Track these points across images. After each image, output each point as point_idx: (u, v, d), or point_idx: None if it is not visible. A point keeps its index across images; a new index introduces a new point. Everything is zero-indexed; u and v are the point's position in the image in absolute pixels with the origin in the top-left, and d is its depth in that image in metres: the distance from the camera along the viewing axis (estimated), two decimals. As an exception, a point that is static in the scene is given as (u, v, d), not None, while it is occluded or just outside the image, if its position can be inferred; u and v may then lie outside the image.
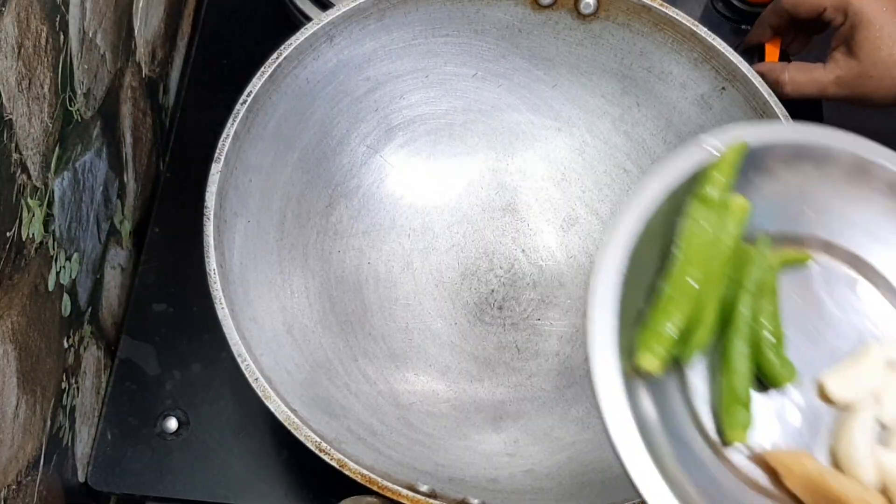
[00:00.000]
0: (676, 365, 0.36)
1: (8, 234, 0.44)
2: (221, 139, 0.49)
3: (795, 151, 0.39)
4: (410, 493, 0.43)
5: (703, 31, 0.53)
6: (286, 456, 0.57)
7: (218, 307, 0.45)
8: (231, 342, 0.44)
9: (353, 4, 0.52)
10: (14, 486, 0.47)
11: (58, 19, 0.47)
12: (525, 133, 0.62)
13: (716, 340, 0.37)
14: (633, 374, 0.34)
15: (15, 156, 0.43)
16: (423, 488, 0.44)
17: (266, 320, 0.50)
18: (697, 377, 0.36)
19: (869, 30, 0.54)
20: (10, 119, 0.43)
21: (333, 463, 0.43)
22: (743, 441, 0.35)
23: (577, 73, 0.58)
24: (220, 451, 0.57)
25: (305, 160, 0.56)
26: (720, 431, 0.35)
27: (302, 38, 0.51)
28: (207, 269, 0.46)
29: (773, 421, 0.36)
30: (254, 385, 0.44)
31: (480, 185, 0.62)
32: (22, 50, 0.43)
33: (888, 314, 0.39)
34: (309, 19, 0.65)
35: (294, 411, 0.44)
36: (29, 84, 0.44)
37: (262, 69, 0.50)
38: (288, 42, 0.51)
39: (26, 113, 0.44)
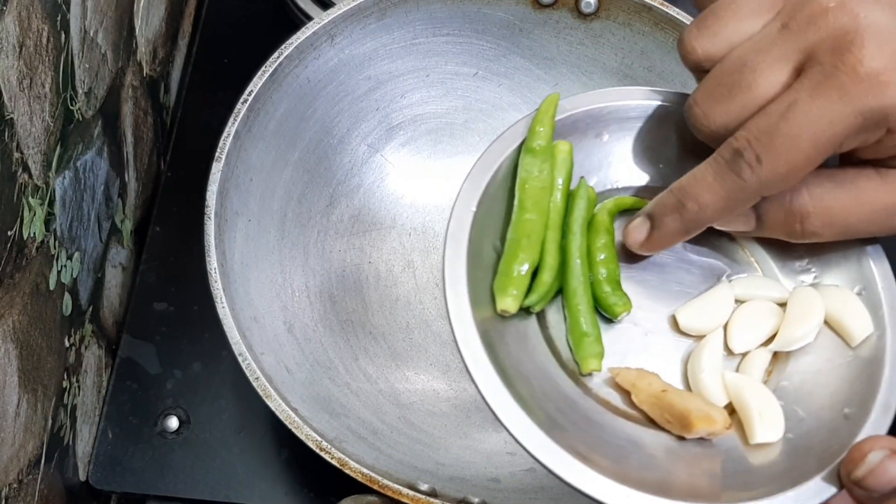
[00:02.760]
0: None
1: (9, 233, 0.44)
2: (222, 138, 0.49)
3: (630, 112, 0.41)
4: (411, 493, 0.43)
5: (703, 31, 0.53)
6: (287, 455, 0.57)
7: (218, 306, 0.45)
8: (232, 341, 0.44)
9: (354, 4, 0.52)
10: (15, 485, 0.47)
11: (59, 18, 0.47)
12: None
13: (561, 280, 0.39)
14: (493, 318, 0.37)
15: (16, 155, 0.44)
16: (424, 487, 0.44)
17: (267, 319, 0.50)
18: (554, 314, 0.39)
19: None
20: (12, 118, 0.43)
21: (334, 462, 0.43)
22: (598, 369, 0.38)
23: (578, 73, 0.58)
24: (220, 449, 0.57)
25: (306, 159, 0.56)
26: (577, 363, 0.38)
27: (303, 38, 0.51)
28: (208, 268, 0.46)
29: (632, 352, 0.39)
30: (254, 384, 0.44)
31: (481, 184, 0.62)
32: (23, 49, 0.43)
33: (736, 254, 0.41)
34: (310, 18, 0.65)
35: (295, 410, 0.44)
36: (30, 83, 0.44)
37: (263, 68, 0.50)
38: (289, 41, 0.51)
39: (27, 112, 0.44)
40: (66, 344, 0.53)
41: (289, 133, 0.54)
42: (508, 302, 0.37)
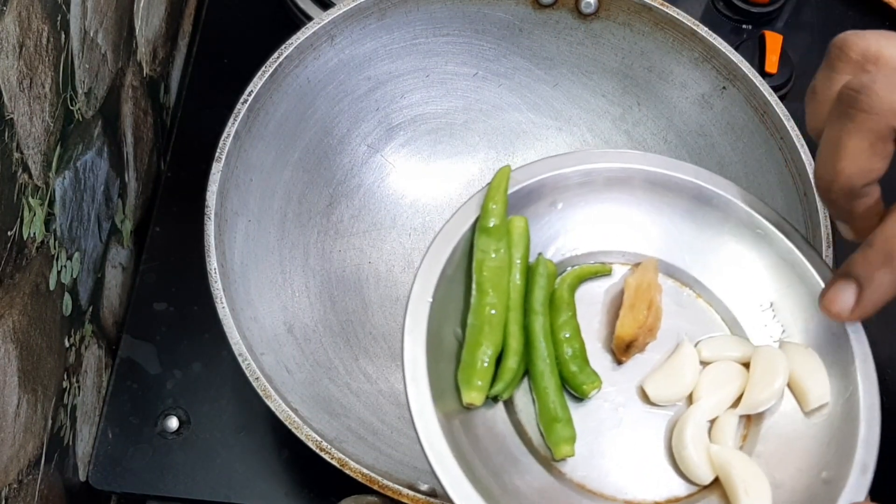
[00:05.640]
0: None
1: (9, 233, 0.44)
2: (222, 138, 0.49)
3: (589, 176, 0.41)
4: (411, 493, 0.43)
5: (703, 31, 0.53)
6: (287, 455, 0.57)
7: (219, 306, 0.45)
8: (232, 341, 0.44)
9: (354, 4, 0.52)
10: (15, 486, 0.47)
11: (59, 19, 0.47)
12: (526, 132, 0.62)
13: (527, 363, 0.38)
14: (459, 410, 0.36)
15: (16, 155, 0.44)
16: (424, 487, 0.44)
17: (267, 319, 0.50)
18: (521, 397, 0.38)
19: None
20: (12, 118, 0.43)
21: (334, 462, 0.43)
22: (571, 454, 0.36)
23: (578, 73, 0.58)
24: (220, 450, 0.57)
25: (306, 159, 0.56)
26: (548, 448, 0.37)
27: (303, 38, 0.51)
28: (208, 269, 0.46)
29: (605, 428, 0.38)
30: (254, 384, 0.44)
31: (481, 184, 0.62)
32: (23, 49, 0.43)
33: (700, 313, 0.40)
34: (310, 18, 0.65)
35: (295, 410, 0.44)
36: (30, 83, 0.44)
37: (263, 68, 0.50)
38: (289, 41, 0.51)
39: (27, 112, 0.44)
40: (66, 344, 0.53)
41: (289, 133, 0.54)
42: (474, 395, 0.36)
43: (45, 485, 0.51)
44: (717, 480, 0.37)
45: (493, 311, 0.37)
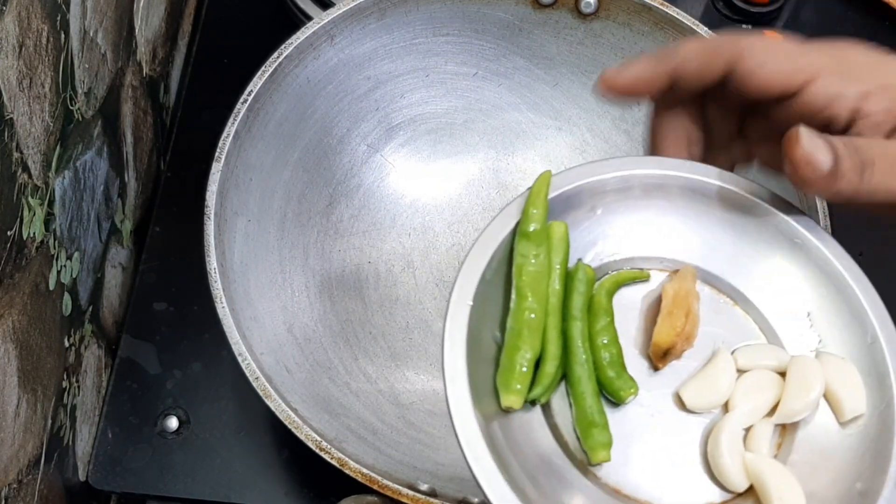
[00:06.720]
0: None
1: (9, 233, 0.44)
2: (222, 138, 0.49)
3: (628, 182, 0.41)
4: (411, 492, 0.43)
5: (703, 31, 0.53)
6: (287, 455, 0.57)
7: (218, 306, 0.45)
8: (231, 341, 0.44)
9: (354, 3, 0.52)
10: (15, 485, 0.47)
11: (58, 18, 0.47)
12: (525, 132, 0.62)
13: (565, 368, 0.38)
14: (497, 412, 0.36)
15: (16, 155, 0.44)
16: (424, 487, 0.44)
17: (266, 319, 0.50)
18: (558, 401, 0.38)
19: None
20: (11, 118, 0.43)
21: (334, 462, 0.43)
22: (607, 460, 0.36)
23: (578, 73, 0.58)
24: (220, 449, 0.57)
25: (306, 159, 0.56)
26: (585, 452, 0.37)
27: (303, 38, 0.51)
28: (208, 268, 0.46)
29: (639, 434, 0.38)
30: (254, 384, 0.44)
31: (481, 184, 0.62)
32: (23, 49, 0.43)
33: (737, 320, 0.40)
34: (309, 18, 0.65)
35: (294, 410, 0.44)
36: (30, 83, 0.44)
37: (263, 68, 0.50)
38: (289, 41, 0.51)
39: (27, 112, 0.44)
40: (66, 344, 0.53)
41: (288, 133, 0.54)
42: (513, 399, 0.36)
43: (45, 485, 0.51)
44: (751, 488, 0.37)
45: (532, 316, 0.37)
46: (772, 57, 0.36)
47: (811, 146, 0.33)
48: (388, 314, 0.58)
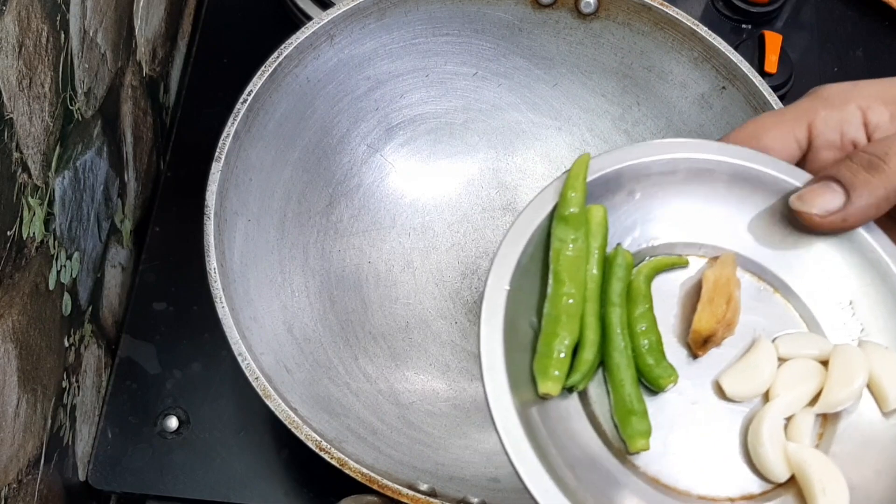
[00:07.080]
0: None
1: (8, 232, 0.44)
2: (222, 138, 0.49)
3: (670, 166, 0.40)
4: (411, 492, 0.43)
5: (703, 31, 0.53)
6: (286, 455, 0.57)
7: (218, 306, 0.45)
8: (231, 341, 0.44)
9: (354, 3, 0.52)
10: (15, 485, 0.47)
11: (58, 18, 0.47)
12: (525, 132, 0.62)
13: (603, 355, 0.38)
14: (534, 400, 0.35)
15: (16, 154, 0.44)
16: (424, 487, 0.44)
17: (266, 319, 0.50)
18: (595, 388, 0.37)
19: None
20: (11, 118, 0.43)
21: (333, 462, 0.43)
22: (646, 448, 0.36)
23: (578, 73, 0.58)
24: (220, 449, 0.57)
25: (306, 159, 0.56)
26: (623, 440, 0.36)
27: (302, 38, 0.51)
28: (208, 268, 0.46)
29: (679, 423, 0.37)
30: (254, 384, 0.44)
31: (481, 184, 0.62)
32: (23, 49, 0.43)
33: (778, 308, 0.40)
34: (309, 18, 0.65)
35: (294, 410, 0.44)
36: (30, 83, 0.44)
37: (263, 68, 0.50)
38: (288, 41, 0.51)
39: (27, 112, 0.44)
40: (66, 344, 0.53)
41: (288, 133, 0.54)
42: (550, 386, 0.35)
43: (45, 484, 0.51)
44: (792, 479, 0.36)
45: (570, 301, 0.36)
46: None
47: None
48: (388, 314, 0.58)
